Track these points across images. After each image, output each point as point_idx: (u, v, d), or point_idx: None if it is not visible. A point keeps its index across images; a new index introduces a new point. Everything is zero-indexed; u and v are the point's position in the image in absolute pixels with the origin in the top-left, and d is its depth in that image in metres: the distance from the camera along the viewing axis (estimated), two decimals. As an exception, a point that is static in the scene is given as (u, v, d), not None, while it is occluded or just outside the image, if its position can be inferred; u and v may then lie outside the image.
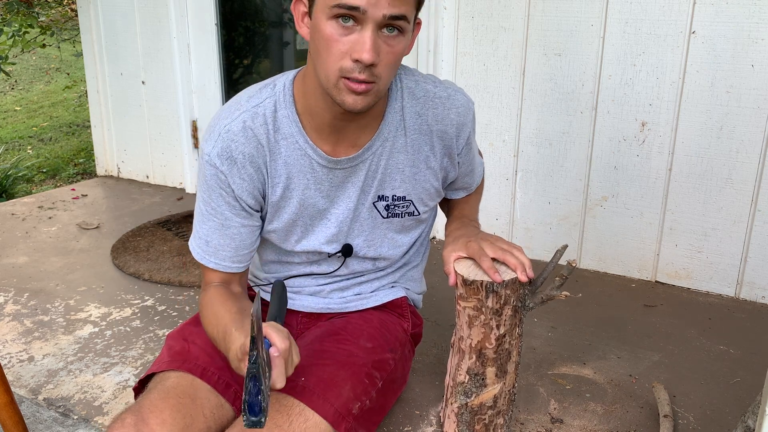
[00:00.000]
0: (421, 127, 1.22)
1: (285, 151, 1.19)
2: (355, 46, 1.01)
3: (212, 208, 1.20)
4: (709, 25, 1.95)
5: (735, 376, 1.67)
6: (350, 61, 1.02)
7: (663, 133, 2.08)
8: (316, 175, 1.21)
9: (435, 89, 1.22)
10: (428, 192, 1.30)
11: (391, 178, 1.25)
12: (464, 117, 1.24)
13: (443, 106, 1.22)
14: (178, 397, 1.12)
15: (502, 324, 1.21)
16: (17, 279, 2.25)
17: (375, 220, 1.29)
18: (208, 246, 1.22)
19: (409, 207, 1.30)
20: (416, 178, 1.26)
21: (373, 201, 1.27)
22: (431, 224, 1.45)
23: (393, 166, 1.24)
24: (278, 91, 1.18)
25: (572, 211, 2.30)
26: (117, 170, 3.49)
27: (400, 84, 1.21)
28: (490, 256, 1.20)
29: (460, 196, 1.44)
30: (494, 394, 1.27)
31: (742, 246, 2.06)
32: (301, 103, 1.17)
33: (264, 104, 1.17)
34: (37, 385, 1.64)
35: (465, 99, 1.25)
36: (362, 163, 1.22)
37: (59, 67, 8.03)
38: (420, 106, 1.21)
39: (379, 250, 1.34)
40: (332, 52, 1.03)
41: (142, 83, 3.22)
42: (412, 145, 1.23)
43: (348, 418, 1.15)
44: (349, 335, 1.29)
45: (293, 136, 1.18)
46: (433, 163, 1.26)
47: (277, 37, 3.05)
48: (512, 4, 2.21)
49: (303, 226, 1.27)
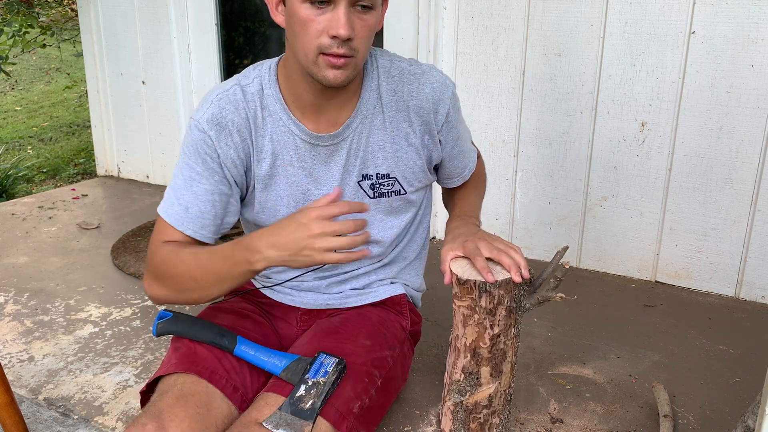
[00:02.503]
0: (398, 103, 1.26)
1: (271, 127, 1.23)
2: (331, 23, 1.08)
3: (197, 173, 1.21)
4: (709, 25, 1.95)
5: (735, 376, 1.67)
6: (327, 38, 1.09)
7: (663, 133, 2.08)
8: (299, 152, 1.24)
9: (410, 67, 1.27)
10: (412, 170, 1.31)
11: (374, 156, 1.28)
12: (440, 93, 1.27)
13: (417, 81, 1.26)
14: (197, 406, 1.12)
15: (496, 324, 1.22)
16: (17, 279, 2.25)
17: (362, 200, 1.31)
18: (188, 213, 1.21)
19: (394, 185, 1.31)
20: (398, 155, 1.29)
21: (358, 180, 1.29)
22: (425, 212, 1.44)
23: (374, 143, 1.27)
24: (264, 71, 1.25)
25: (572, 211, 2.30)
26: (117, 170, 3.49)
27: (375, 63, 1.26)
28: (486, 256, 1.21)
29: (456, 184, 1.44)
30: (489, 393, 1.28)
31: (742, 246, 2.06)
32: (285, 85, 1.23)
33: (253, 83, 1.23)
34: (37, 385, 1.64)
35: (442, 77, 1.28)
36: (343, 141, 1.25)
37: (59, 67, 8.03)
38: (395, 84, 1.26)
39: (369, 232, 1.33)
40: (309, 32, 1.09)
41: (142, 83, 3.22)
42: (390, 122, 1.26)
43: (349, 418, 1.15)
44: (348, 333, 1.30)
45: (278, 113, 1.23)
46: (413, 139, 1.28)
47: (277, 37, 3.05)
48: (512, 4, 2.21)
49: (289, 206, 1.28)
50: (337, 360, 1.18)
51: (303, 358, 1.20)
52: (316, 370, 1.16)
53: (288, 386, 1.16)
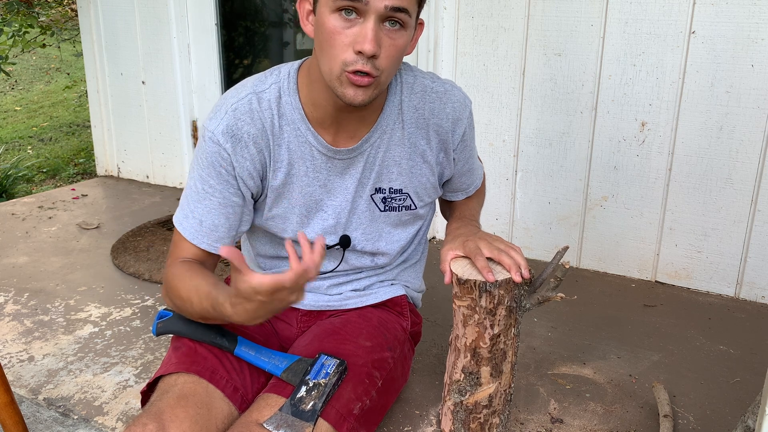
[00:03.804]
0: (418, 120, 1.24)
1: (288, 137, 1.20)
2: (357, 38, 1.04)
3: (210, 186, 1.19)
4: (709, 25, 1.95)
5: (735, 376, 1.67)
6: (353, 54, 1.05)
7: (663, 133, 2.08)
8: (315, 163, 1.23)
9: (433, 84, 1.25)
10: (424, 186, 1.31)
11: (389, 171, 1.27)
12: (460, 112, 1.26)
13: (440, 100, 1.24)
14: (197, 407, 1.12)
15: (496, 324, 1.22)
16: (17, 279, 2.25)
17: (373, 213, 1.30)
18: (202, 226, 1.20)
19: (405, 200, 1.31)
20: (413, 171, 1.28)
21: (371, 193, 1.28)
22: (429, 221, 1.45)
23: (390, 158, 1.25)
24: (282, 77, 1.21)
25: (572, 211, 2.30)
26: (117, 170, 3.49)
27: (399, 79, 1.24)
28: (486, 256, 1.21)
29: (459, 198, 1.44)
30: (489, 393, 1.28)
31: (742, 246, 2.06)
32: (305, 93, 1.19)
33: (270, 90, 1.19)
34: (37, 385, 1.64)
35: (462, 96, 1.27)
36: (360, 155, 1.24)
37: (59, 67, 8.03)
38: (417, 100, 1.24)
39: (377, 244, 1.34)
40: (335, 45, 1.05)
41: (142, 83, 3.22)
42: (408, 139, 1.25)
43: (349, 419, 1.15)
44: (348, 334, 1.29)
45: (295, 122, 1.20)
46: (429, 156, 1.28)
47: (277, 37, 3.05)
48: (512, 4, 2.21)
49: (300, 216, 1.27)
50: (338, 361, 1.18)
51: (304, 359, 1.20)
52: (317, 371, 1.16)
53: (288, 387, 1.16)
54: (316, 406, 1.11)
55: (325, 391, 1.13)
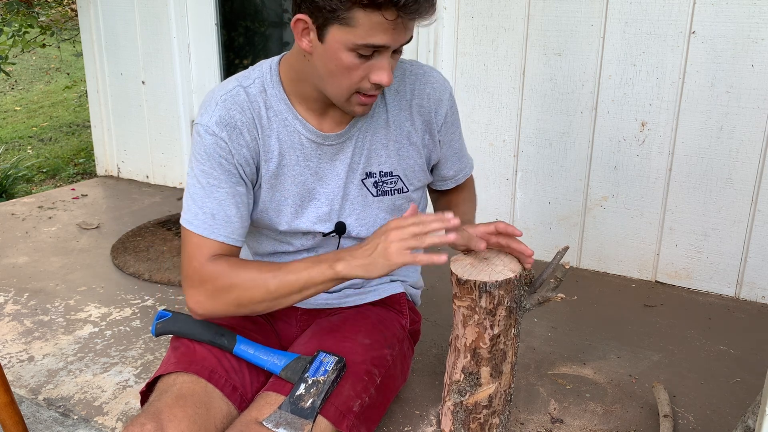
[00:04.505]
0: (401, 103, 1.28)
1: (277, 127, 1.23)
2: (373, 70, 1.10)
3: (215, 178, 1.18)
4: (709, 25, 1.95)
5: (735, 376, 1.67)
6: (368, 83, 1.12)
7: (663, 133, 2.08)
8: (305, 152, 1.25)
9: (411, 67, 1.31)
10: (413, 169, 1.33)
11: (377, 154, 1.29)
12: (440, 93, 1.30)
13: (419, 81, 1.29)
14: (195, 406, 1.12)
15: (496, 324, 1.22)
16: (17, 279, 2.25)
17: (366, 198, 1.31)
18: (215, 220, 1.18)
19: (397, 183, 1.33)
20: (400, 153, 1.30)
21: (362, 178, 1.30)
22: (422, 211, 1.44)
23: (378, 141, 1.28)
24: (265, 72, 1.24)
25: (572, 211, 2.29)
26: (117, 170, 3.49)
27: None
28: (494, 245, 1.27)
29: (449, 186, 1.45)
30: (489, 393, 1.28)
31: (742, 246, 2.06)
32: (289, 87, 1.23)
33: (254, 84, 1.23)
34: (37, 385, 1.64)
35: (441, 78, 1.33)
36: (349, 140, 1.26)
37: (59, 67, 8.03)
38: (398, 84, 1.28)
39: (371, 230, 1.34)
40: (351, 78, 1.11)
41: (142, 83, 3.22)
42: (393, 121, 1.28)
43: (349, 416, 1.15)
44: (347, 332, 1.30)
45: (283, 113, 1.22)
46: (414, 138, 1.30)
47: (277, 37, 3.05)
48: (512, 4, 2.21)
49: (294, 205, 1.28)
50: (337, 359, 1.18)
51: (302, 357, 1.20)
52: (316, 368, 1.16)
53: (288, 385, 1.16)
54: (315, 403, 1.11)
55: (324, 389, 1.13)
